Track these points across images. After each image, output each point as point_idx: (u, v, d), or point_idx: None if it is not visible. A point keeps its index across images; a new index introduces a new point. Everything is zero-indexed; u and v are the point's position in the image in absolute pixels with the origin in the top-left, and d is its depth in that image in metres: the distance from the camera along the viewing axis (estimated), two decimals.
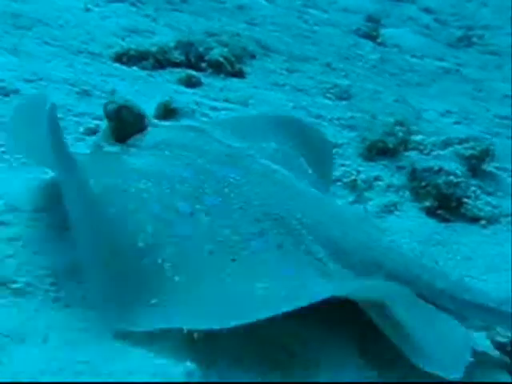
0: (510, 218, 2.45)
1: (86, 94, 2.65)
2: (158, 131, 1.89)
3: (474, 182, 2.71)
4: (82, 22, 3.91)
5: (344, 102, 3.82)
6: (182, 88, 3.44)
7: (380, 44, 6.61)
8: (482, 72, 6.27)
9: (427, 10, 9.26)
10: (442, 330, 1.49)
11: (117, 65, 3.48)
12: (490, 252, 2.20)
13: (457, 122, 3.94)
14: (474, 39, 8.20)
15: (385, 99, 4.09)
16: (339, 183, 2.72)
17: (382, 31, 6.91)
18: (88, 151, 1.95)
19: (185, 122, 2.12)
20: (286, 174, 1.88)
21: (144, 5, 4.96)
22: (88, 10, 4.42)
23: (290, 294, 1.34)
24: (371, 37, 6.67)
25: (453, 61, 6.53)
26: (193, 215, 1.54)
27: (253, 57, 4.23)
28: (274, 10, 6.65)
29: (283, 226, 1.61)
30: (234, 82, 3.75)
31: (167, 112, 2.09)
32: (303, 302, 1.25)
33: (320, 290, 1.39)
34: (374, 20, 7.75)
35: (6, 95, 2.38)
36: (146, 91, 3.10)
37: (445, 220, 2.43)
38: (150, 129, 1.89)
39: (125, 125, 1.88)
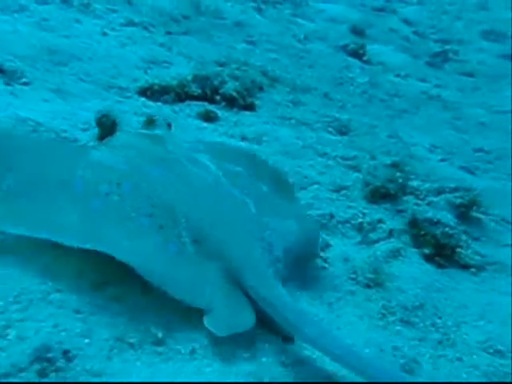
0: (494, 267, 2.87)
1: None
2: (121, 136, 2.51)
3: (462, 227, 3.11)
4: (106, 52, 4.14)
5: (345, 138, 4.17)
6: (203, 123, 3.73)
7: (366, 62, 7.00)
8: (459, 95, 6.72)
9: (406, 22, 9.69)
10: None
11: (143, 99, 3.74)
12: (482, 301, 2.60)
13: (442, 160, 4.34)
14: (450, 54, 8.67)
15: (379, 133, 4.46)
16: (348, 224, 3.08)
17: (368, 47, 7.30)
18: None
19: (156, 131, 2.59)
20: (203, 178, 2.37)
21: (155, 27, 5.19)
22: (105, 34, 4.64)
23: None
24: (358, 55, 7.06)
25: (434, 82, 6.98)
26: (108, 195, 2.09)
27: (261, 89, 4.54)
28: (268, 26, 6.94)
29: (170, 213, 2.12)
30: (246, 115, 4.05)
31: (150, 122, 2.66)
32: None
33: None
34: (358, 31, 8.14)
35: None
36: (174, 131, 3.40)
37: (441, 266, 2.82)
38: (117, 133, 2.52)
39: (103, 129, 2.57)
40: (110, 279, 1.86)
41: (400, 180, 3.34)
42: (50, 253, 1.84)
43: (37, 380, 1.42)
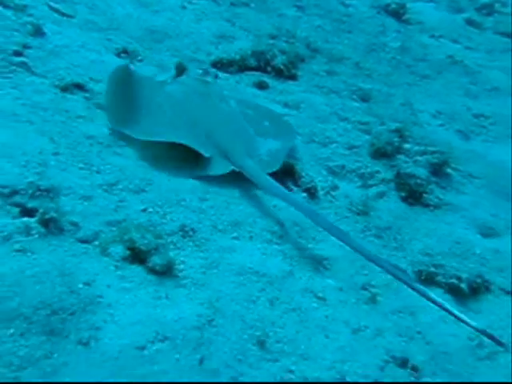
0: (447, 207, 4.61)
1: None
2: (185, 78, 4.39)
3: (434, 179, 4.82)
4: (187, 28, 5.85)
5: (364, 105, 5.81)
6: (257, 91, 5.46)
7: (405, 21, 8.37)
8: (486, 57, 8.03)
9: None
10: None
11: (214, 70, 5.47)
12: (430, 227, 4.36)
13: (441, 125, 5.95)
14: (497, 6, 9.76)
15: (394, 101, 6.07)
16: (354, 173, 4.82)
17: (410, 5, 8.63)
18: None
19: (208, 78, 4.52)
20: (222, 108, 4.28)
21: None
22: (184, 7, 6.33)
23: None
24: (398, 14, 8.41)
25: (465, 43, 8.29)
26: (172, 111, 4.05)
27: (302, 60, 6.18)
28: None
29: (202, 124, 3.99)
30: (290, 84, 5.73)
31: (206, 73, 4.59)
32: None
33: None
34: None
35: None
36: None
37: (410, 204, 4.55)
38: (184, 76, 4.40)
39: (178, 71, 4.42)
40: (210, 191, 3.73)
41: (396, 144, 5.03)
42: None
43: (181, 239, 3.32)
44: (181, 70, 4.45)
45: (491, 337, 2.83)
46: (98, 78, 4.26)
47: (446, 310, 2.89)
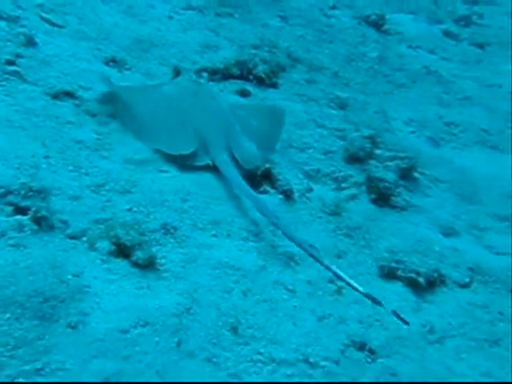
0: (412, 208, 4.93)
1: None
2: (181, 79, 4.96)
3: (402, 183, 5.14)
4: (174, 38, 6.13)
5: (341, 113, 6.13)
6: (239, 98, 5.76)
7: (384, 32, 8.71)
8: (460, 68, 8.38)
9: None
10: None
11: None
12: (397, 226, 4.68)
13: (412, 132, 6.28)
14: (474, 18, 10.13)
15: (369, 109, 6.39)
16: (328, 177, 5.14)
17: (390, 16, 8.98)
18: None
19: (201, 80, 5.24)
20: (211, 106, 4.69)
21: (207, 10, 7.13)
22: (171, 17, 6.63)
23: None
24: (378, 25, 8.76)
25: (440, 54, 8.64)
26: (167, 109, 4.55)
27: (283, 69, 6.48)
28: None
29: (191, 120, 4.41)
30: (271, 92, 6.04)
31: (199, 77, 5.38)
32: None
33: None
34: None
35: None
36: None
37: (380, 206, 4.86)
38: (179, 77, 5.01)
39: (174, 73, 5.10)
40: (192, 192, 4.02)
41: (368, 149, 5.34)
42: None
43: None
44: (176, 72, 5.13)
45: (373, 299, 3.24)
46: (87, 85, 4.53)
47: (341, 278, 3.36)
